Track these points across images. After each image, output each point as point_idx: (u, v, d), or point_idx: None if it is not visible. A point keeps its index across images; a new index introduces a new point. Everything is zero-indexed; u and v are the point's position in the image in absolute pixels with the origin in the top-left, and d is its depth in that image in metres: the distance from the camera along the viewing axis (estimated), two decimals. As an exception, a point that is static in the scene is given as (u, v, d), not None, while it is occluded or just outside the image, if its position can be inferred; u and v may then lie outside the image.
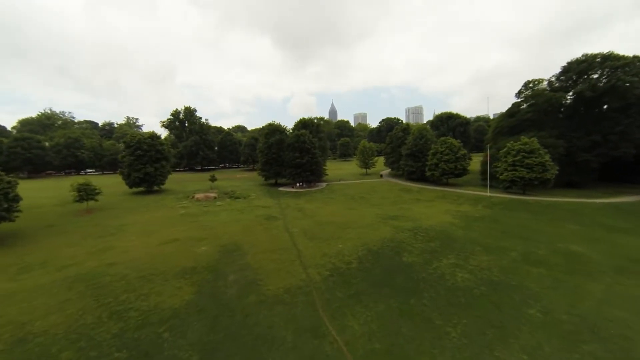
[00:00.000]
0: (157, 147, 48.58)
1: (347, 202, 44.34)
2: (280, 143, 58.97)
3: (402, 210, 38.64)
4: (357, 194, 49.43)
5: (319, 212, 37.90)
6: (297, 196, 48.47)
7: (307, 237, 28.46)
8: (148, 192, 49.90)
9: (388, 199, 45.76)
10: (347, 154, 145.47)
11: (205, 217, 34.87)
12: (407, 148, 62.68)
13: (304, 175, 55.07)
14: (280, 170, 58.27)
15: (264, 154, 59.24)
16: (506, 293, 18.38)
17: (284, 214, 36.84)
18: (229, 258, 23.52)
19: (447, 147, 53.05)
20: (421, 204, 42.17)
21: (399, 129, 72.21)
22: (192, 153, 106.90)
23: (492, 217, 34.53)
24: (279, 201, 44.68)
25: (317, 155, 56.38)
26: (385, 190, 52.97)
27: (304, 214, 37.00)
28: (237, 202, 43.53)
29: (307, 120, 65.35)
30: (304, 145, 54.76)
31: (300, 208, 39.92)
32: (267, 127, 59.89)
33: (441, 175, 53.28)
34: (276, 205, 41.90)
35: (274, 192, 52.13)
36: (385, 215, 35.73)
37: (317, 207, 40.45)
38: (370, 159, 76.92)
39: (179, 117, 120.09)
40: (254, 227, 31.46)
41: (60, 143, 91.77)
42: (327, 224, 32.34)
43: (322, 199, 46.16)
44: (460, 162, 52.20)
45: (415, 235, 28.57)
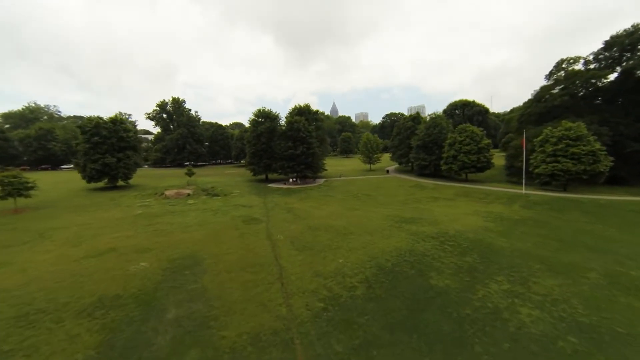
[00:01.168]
0: (120, 133, 41.57)
1: (348, 201, 37.41)
2: (271, 132, 51.98)
3: (418, 211, 31.69)
4: (360, 192, 42.49)
5: (314, 213, 30.96)
6: (288, 194, 41.53)
7: (295, 247, 21.54)
8: (110, 188, 43.01)
9: (398, 198, 38.81)
10: (348, 150, 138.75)
11: (166, 219, 27.94)
12: (419, 139, 55.70)
13: (297, 169, 48.10)
14: (271, 164, 51.31)
15: (251, 144, 52.30)
16: (616, 349, 11.38)
17: (268, 216, 29.91)
18: (176, 280, 16.59)
19: (468, 135, 46.04)
20: (440, 203, 35.18)
21: (408, 118, 65.17)
22: (179, 147, 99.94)
23: (537, 220, 27.53)
24: (265, 199, 37.75)
25: (314, 145, 49.42)
26: (394, 186, 46.01)
27: (294, 215, 30.07)
28: (214, 200, 36.60)
29: (304, 108, 58.39)
30: (299, 134, 47.78)
31: (290, 208, 32.99)
32: (255, 114, 52.94)
33: (460, 170, 46.28)
34: (261, 204, 34.96)
35: (261, 189, 45.20)
36: (397, 218, 28.79)
37: (312, 207, 33.52)
38: (375, 153, 69.92)
39: (165, 109, 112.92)
40: (225, 232, 24.53)
41: (31, 135, 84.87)
42: (323, 229, 25.43)
43: (318, 198, 39.23)
44: (484, 153, 45.16)
45: (442, 244, 21.66)
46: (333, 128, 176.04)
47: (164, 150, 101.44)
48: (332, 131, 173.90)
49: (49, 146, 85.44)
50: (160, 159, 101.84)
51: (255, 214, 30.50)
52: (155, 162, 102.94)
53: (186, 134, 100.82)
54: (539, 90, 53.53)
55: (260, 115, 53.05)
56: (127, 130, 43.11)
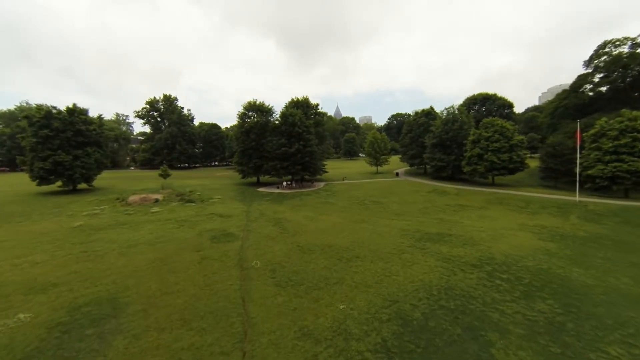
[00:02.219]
0: (78, 125, 35.48)
1: (353, 209, 30.85)
2: (263, 127, 45.76)
3: (445, 223, 25.03)
4: (367, 197, 35.89)
5: (308, 226, 24.44)
6: (279, 200, 35.04)
7: (276, 281, 15.05)
8: (67, 192, 36.85)
9: (415, 206, 32.16)
10: (352, 152, 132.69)
11: (109, 234, 21.53)
12: (434, 136, 49.09)
13: (292, 170, 41.70)
14: (262, 164, 44.98)
15: (239, 141, 46.07)
16: None
17: (248, 230, 23.43)
18: (63, 348, 10.09)
19: (496, 131, 39.38)
20: (470, 213, 28.48)
21: (421, 113, 58.65)
22: (168, 147, 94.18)
23: (614, 238, 20.72)
24: (249, 207, 31.31)
25: (312, 143, 43.05)
26: (408, 192, 39.35)
27: (282, 229, 23.56)
28: (186, 207, 30.23)
29: (302, 101, 52.17)
30: (294, 129, 41.47)
31: (278, 219, 26.50)
32: (245, 107, 46.80)
33: (487, 171, 39.51)
34: (243, 213, 28.52)
35: (248, 194, 38.79)
36: (419, 233, 22.17)
37: (306, 219, 27.01)
38: (383, 153, 63.35)
39: (156, 107, 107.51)
40: (182, 255, 18.07)
41: (5, 133, 79.65)
42: (318, 250, 18.90)
43: (315, 205, 32.70)
44: (517, 151, 38.38)
45: (491, 278, 15.08)
46: (336, 129, 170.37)
47: (152, 151, 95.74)
48: (335, 132, 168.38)
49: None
50: (149, 160, 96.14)
51: (232, 227, 24.01)
52: (144, 163, 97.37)
53: (176, 133, 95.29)
54: (576, 80, 46.86)
55: (250, 108, 46.92)
56: (88, 122, 37.05)
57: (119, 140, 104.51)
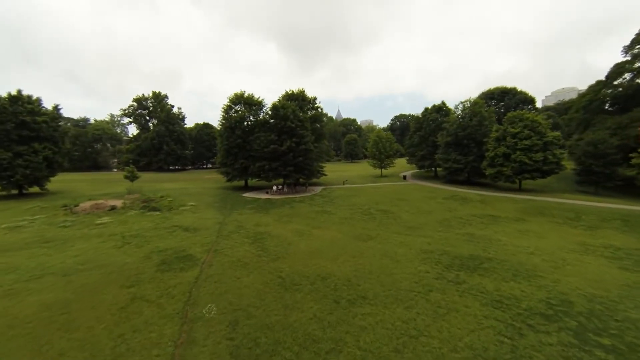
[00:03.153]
0: (21, 116, 29.81)
1: (356, 220, 25.11)
2: (252, 123, 40.20)
3: (477, 241, 19.28)
4: (373, 205, 30.15)
5: (297, 245, 18.71)
6: (265, 208, 29.31)
7: (233, 347, 9.25)
8: (10, 197, 31.15)
9: (433, 216, 26.40)
10: (354, 154, 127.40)
11: (14, 259, 15.81)
12: (448, 134, 43.48)
13: (283, 172, 36.03)
14: (250, 165, 39.30)
15: (224, 138, 40.49)
16: None
17: (215, 251, 17.69)
18: None
19: (526, 126, 33.73)
20: (506, 226, 22.73)
21: (432, 109, 53.11)
22: (154, 148, 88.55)
23: None
24: (227, 217, 25.58)
25: (308, 140, 37.40)
26: (421, 198, 33.59)
27: (261, 250, 17.81)
28: (146, 217, 24.51)
29: (297, 93, 46.62)
30: (286, 124, 35.88)
31: (259, 235, 20.75)
32: (231, 99, 41.26)
33: (517, 174, 33.75)
34: (216, 226, 22.78)
35: (231, 200, 33.08)
36: (446, 257, 16.43)
37: (295, 234, 21.27)
38: (388, 154, 57.66)
39: (144, 105, 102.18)
40: (100, 295, 12.35)
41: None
42: (306, 283, 13.19)
43: (309, 215, 26.98)
44: (551, 150, 32.67)
45: (583, 342, 9.23)
46: (337, 131, 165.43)
47: (138, 152, 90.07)
48: (335, 134, 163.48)
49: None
50: (134, 162, 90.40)
51: (194, 246, 18.27)
52: (128, 164, 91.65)
53: (164, 133, 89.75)
54: (614, 69, 41.37)
55: (237, 100, 41.38)
56: (37, 113, 31.32)
57: (103, 140, 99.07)
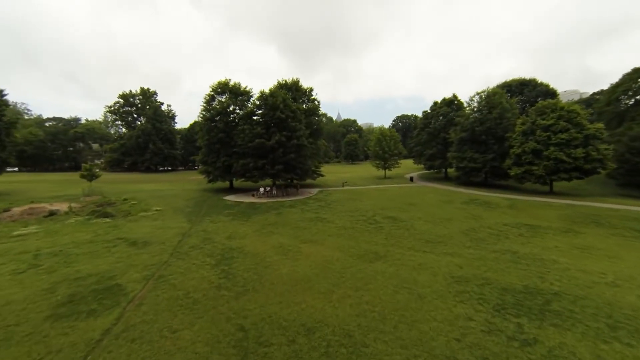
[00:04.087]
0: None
1: (358, 231, 20.01)
2: (235, 115, 35.23)
3: (525, 263, 14.17)
4: (379, 211, 25.03)
5: (277, 269, 13.62)
6: (246, 214, 24.20)
7: None
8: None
9: (455, 225, 21.28)
10: (354, 155, 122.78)
11: None
12: (463, 129, 38.53)
13: (271, 170, 30.96)
14: (234, 163, 34.20)
15: (204, 132, 35.47)
16: None
17: (159, 278, 12.56)
18: None
19: (560, 117, 28.73)
20: (556, 240, 17.60)
21: (442, 102, 48.17)
22: (140, 147, 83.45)
23: None
24: (194, 227, 20.48)
25: (301, 134, 32.34)
26: (436, 203, 28.49)
27: (224, 276, 12.71)
28: (87, 226, 19.41)
29: (291, 83, 41.66)
30: (275, 114, 30.88)
31: (226, 251, 15.65)
32: (213, 87, 36.28)
33: (551, 174, 28.66)
34: (176, 237, 17.65)
35: (208, 204, 27.98)
36: (490, 289, 11.27)
37: (279, 250, 16.18)
38: (393, 153, 52.64)
39: (131, 102, 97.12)
40: None
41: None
42: (280, 339, 7.91)
43: (299, 224, 21.89)
44: (594, 144, 27.59)
45: None
46: (337, 131, 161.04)
47: (122, 151, 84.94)
48: (335, 135, 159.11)
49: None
50: (117, 161, 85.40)
51: (132, 270, 13.17)
52: (112, 165, 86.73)
53: (150, 131, 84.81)
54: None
55: (221, 89, 36.35)
56: None
57: (85, 139, 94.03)
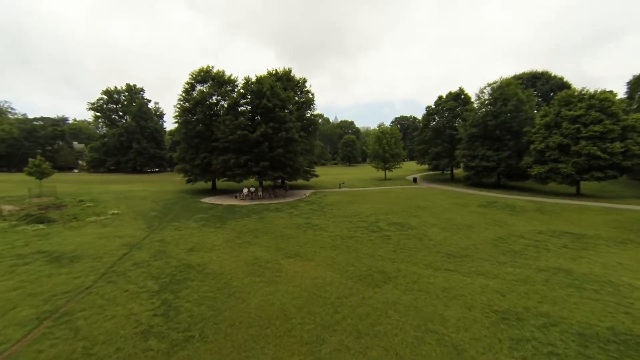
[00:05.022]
0: None
1: (358, 241, 16.02)
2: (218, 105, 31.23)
3: (595, 289, 10.20)
4: (382, 216, 21.06)
5: (244, 298, 9.52)
6: (221, 220, 20.08)
7: None
8: None
9: (477, 233, 17.38)
10: (352, 156, 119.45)
11: None
12: (473, 124, 34.92)
13: (255, 168, 26.84)
14: (213, 161, 30.05)
15: (181, 125, 31.36)
16: None
17: (62, 317, 8.36)
18: None
19: (591, 106, 25.16)
20: (618, 256, 13.78)
21: (449, 96, 44.60)
22: (122, 145, 78.67)
23: None
24: (151, 235, 16.33)
25: (291, 125, 28.33)
26: (448, 206, 24.61)
27: (163, 310, 8.53)
28: (11, 234, 15.17)
29: (282, 73, 37.71)
30: (261, 102, 26.90)
31: (180, 270, 11.53)
32: (193, 75, 32.24)
33: (580, 173, 24.96)
34: (122, 249, 13.49)
35: (179, 207, 23.80)
36: (565, 337, 7.17)
37: (253, 270, 12.10)
38: (394, 152, 48.87)
39: (114, 99, 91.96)
40: None
41: None
42: None
43: (284, 231, 17.85)
44: (634, 138, 23.97)
45: None
46: (334, 133, 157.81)
47: (104, 150, 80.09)
48: (332, 136, 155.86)
49: None
50: (99, 161, 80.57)
51: (32, 300, 9.02)
52: (94, 164, 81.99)
53: (134, 129, 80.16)
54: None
55: (202, 77, 32.27)
56: None
57: (65, 137, 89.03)
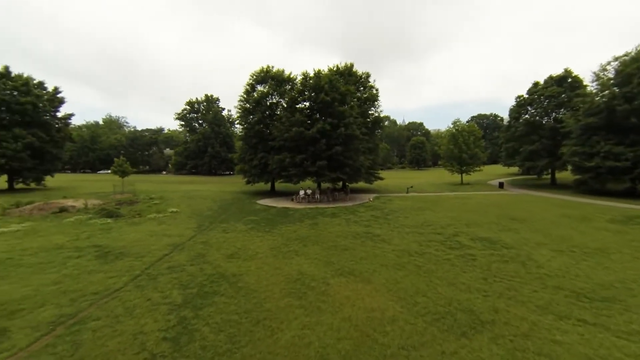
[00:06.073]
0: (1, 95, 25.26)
1: (431, 259, 12.37)
2: (276, 105, 30.70)
3: None
4: (462, 228, 16.72)
5: (275, 327, 7.22)
6: (272, 223, 18.55)
7: None
8: None
9: (618, 261, 11.87)
10: (421, 159, 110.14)
11: None
12: (592, 112, 26.97)
13: (311, 168, 24.92)
14: (270, 161, 29.33)
15: (242, 127, 31.72)
16: None
17: (75, 325, 7.28)
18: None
19: None
20: None
21: (549, 80, 36.09)
22: (200, 150, 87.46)
23: None
24: (197, 235, 15.57)
25: (351, 121, 25.67)
26: (557, 220, 18.63)
27: (171, 341, 6.79)
28: (80, 226, 16.09)
29: (343, 68, 35.38)
30: (319, 97, 25.03)
31: (212, 280, 9.93)
32: (254, 76, 32.43)
33: None
34: (165, 249, 12.78)
35: (234, 208, 23.36)
36: None
37: (292, 284, 9.82)
38: (473, 152, 42.02)
39: (195, 109, 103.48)
40: None
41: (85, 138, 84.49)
42: None
43: (338, 241, 15.22)
44: None
45: None
46: (401, 135, 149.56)
47: (185, 154, 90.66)
48: (399, 139, 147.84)
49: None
50: (181, 164, 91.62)
51: (59, 299, 8.32)
52: (177, 167, 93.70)
53: (209, 135, 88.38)
54: None
55: (262, 77, 32.21)
56: (22, 93, 26.42)
57: (158, 144, 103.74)
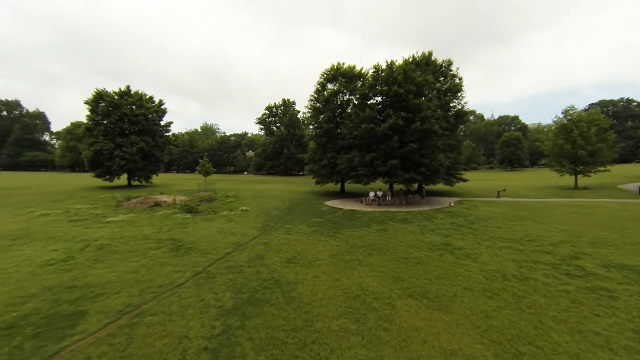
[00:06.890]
0: (123, 108, 30.77)
1: (534, 289, 9.35)
2: (347, 104, 29.70)
3: None
4: (585, 248, 12.62)
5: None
6: (337, 226, 17.48)
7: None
8: (119, 187, 33.36)
9: None
10: (515, 159, 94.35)
11: None
12: None
13: (382, 168, 22.89)
14: (339, 160, 28.43)
15: (313, 127, 31.75)
16: None
17: (135, 315, 7.55)
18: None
19: None
20: None
21: None
22: (277, 151, 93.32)
23: None
24: (261, 235, 15.59)
25: (428, 114, 22.69)
26: None
27: (210, 352, 6.26)
28: (166, 220, 17.96)
29: (419, 59, 32.18)
30: (392, 90, 22.91)
31: (267, 286, 9.34)
32: (325, 74, 32.09)
33: None
34: (228, 247, 13.05)
35: (301, 209, 23.22)
36: None
37: (351, 303, 8.50)
38: (594, 149, 33.13)
39: (274, 113, 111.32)
40: None
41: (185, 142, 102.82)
42: None
43: (410, 252, 13.19)
44: None
45: None
46: (489, 131, 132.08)
47: (264, 156, 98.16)
48: (487, 136, 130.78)
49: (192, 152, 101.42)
50: (259, 165, 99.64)
51: (133, 288, 8.94)
52: (257, 168, 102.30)
53: (285, 137, 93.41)
54: None
55: (333, 75, 31.59)
56: (139, 105, 32.12)
57: (241, 147, 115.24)
